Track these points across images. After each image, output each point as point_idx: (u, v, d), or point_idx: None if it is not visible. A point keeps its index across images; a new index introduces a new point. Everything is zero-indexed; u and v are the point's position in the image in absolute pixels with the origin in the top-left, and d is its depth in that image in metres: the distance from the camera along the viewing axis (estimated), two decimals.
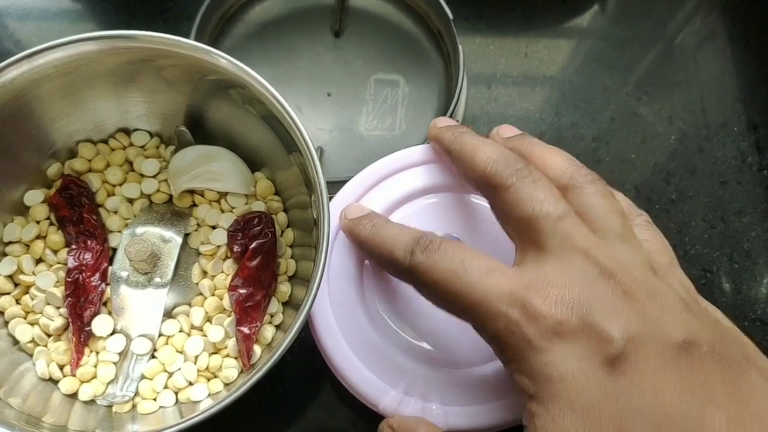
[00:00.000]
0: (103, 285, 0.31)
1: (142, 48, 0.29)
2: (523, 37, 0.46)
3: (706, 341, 0.22)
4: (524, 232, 0.24)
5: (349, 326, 0.30)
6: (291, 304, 0.33)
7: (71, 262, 0.31)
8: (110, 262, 0.32)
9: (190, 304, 0.32)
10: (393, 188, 0.32)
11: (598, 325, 0.21)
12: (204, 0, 0.41)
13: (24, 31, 0.44)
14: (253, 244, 0.32)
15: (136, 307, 0.31)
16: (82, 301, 0.31)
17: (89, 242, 0.32)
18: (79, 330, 0.30)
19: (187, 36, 0.36)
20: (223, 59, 0.28)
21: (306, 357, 0.35)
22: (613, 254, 0.23)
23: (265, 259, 0.32)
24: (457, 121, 0.43)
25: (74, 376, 0.30)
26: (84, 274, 0.31)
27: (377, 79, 0.44)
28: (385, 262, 0.27)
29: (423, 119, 0.43)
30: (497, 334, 0.23)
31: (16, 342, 0.31)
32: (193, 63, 0.29)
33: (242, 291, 0.31)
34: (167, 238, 0.32)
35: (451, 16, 0.41)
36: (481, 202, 0.32)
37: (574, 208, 0.24)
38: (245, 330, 0.31)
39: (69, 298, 0.31)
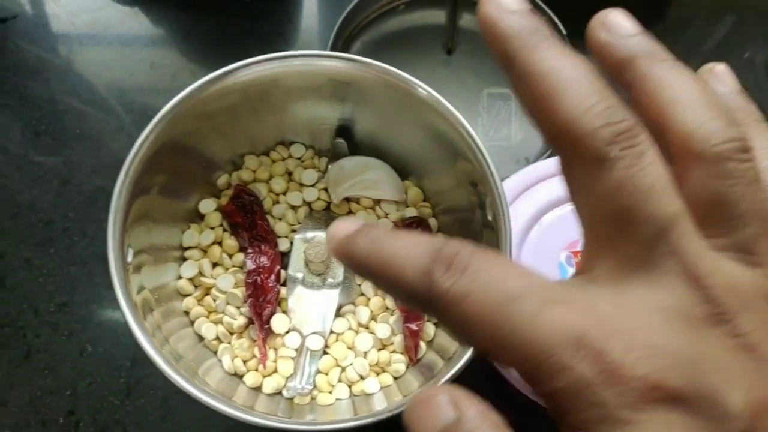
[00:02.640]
0: (278, 286, 0.34)
1: (327, 67, 0.31)
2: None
3: None
4: (609, 233, 0.16)
5: None
6: None
7: (249, 265, 0.34)
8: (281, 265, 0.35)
9: (354, 304, 0.34)
10: (541, 193, 0.34)
11: (713, 393, 0.14)
12: (333, 26, 0.44)
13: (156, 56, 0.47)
14: None
15: (309, 306, 0.34)
16: (261, 300, 0.33)
17: (263, 246, 0.34)
18: (261, 328, 0.33)
19: None
20: (421, 89, 0.30)
21: None
22: (732, 282, 0.15)
23: None
24: None
25: (259, 371, 0.32)
26: (261, 276, 0.33)
27: (490, 93, 0.46)
28: (395, 292, 0.16)
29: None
30: (557, 394, 0.15)
31: (200, 339, 0.33)
32: (361, 80, 0.32)
33: None
34: None
35: (564, 32, 0.44)
36: None
37: (695, 193, 0.16)
38: (413, 327, 0.33)
39: (250, 298, 0.33)
